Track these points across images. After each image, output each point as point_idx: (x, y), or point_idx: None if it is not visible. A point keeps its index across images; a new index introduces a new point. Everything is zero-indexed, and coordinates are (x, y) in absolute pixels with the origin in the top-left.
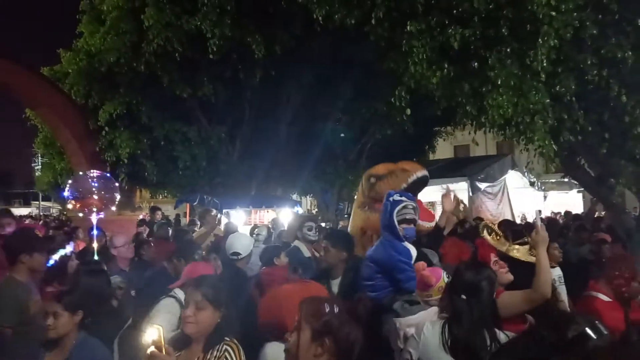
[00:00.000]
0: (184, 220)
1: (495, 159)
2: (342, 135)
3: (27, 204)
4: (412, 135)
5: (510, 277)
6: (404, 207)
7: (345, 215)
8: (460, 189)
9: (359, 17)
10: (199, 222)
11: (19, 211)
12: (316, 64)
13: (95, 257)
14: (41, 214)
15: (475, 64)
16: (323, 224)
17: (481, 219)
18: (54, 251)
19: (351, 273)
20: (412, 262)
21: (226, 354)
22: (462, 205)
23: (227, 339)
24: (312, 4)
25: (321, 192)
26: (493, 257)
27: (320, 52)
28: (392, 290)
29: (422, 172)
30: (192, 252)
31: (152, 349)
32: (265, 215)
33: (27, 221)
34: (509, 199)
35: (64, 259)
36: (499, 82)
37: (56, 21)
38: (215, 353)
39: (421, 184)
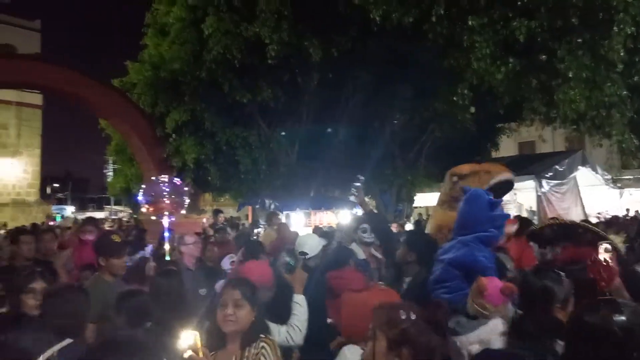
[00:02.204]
0: (246, 222)
1: (565, 155)
2: (401, 135)
3: (100, 208)
4: (473, 133)
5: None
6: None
7: (405, 218)
8: (527, 187)
9: (417, 15)
10: (262, 224)
11: (93, 215)
12: (373, 64)
13: (167, 258)
14: (112, 217)
15: (543, 57)
16: None
17: (556, 219)
18: (134, 253)
19: (422, 275)
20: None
21: (263, 350)
22: None
23: (262, 335)
24: (369, 4)
25: (379, 193)
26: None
27: (377, 53)
28: (467, 293)
29: (507, 176)
30: (258, 252)
31: (189, 353)
32: (325, 217)
33: (107, 227)
34: (580, 198)
35: (143, 260)
36: (570, 75)
37: (123, 35)
38: (252, 350)
39: (505, 188)
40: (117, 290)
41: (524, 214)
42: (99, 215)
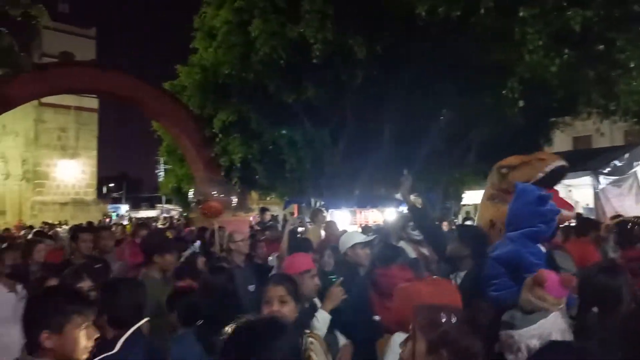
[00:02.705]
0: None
1: (624, 150)
2: (447, 132)
3: (152, 207)
4: (524, 128)
5: None
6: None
7: (453, 217)
8: (583, 184)
9: (465, 8)
10: (307, 222)
11: (145, 213)
12: (418, 60)
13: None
14: (163, 215)
15: (601, 47)
16: None
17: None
18: (185, 249)
19: (476, 270)
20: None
21: (312, 345)
22: None
23: (307, 331)
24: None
25: (425, 190)
26: None
27: (422, 49)
28: (516, 291)
29: (561, 162)
30: (306, 249)
31: None
32: (370, 215)
33: (159, 225)
34: None
35: (193, 255)
36: (632, 65)
37: (174, 40)
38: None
39: (559, 175)
40: (165, 287)
41: (580, 212)
42: (150, 213)
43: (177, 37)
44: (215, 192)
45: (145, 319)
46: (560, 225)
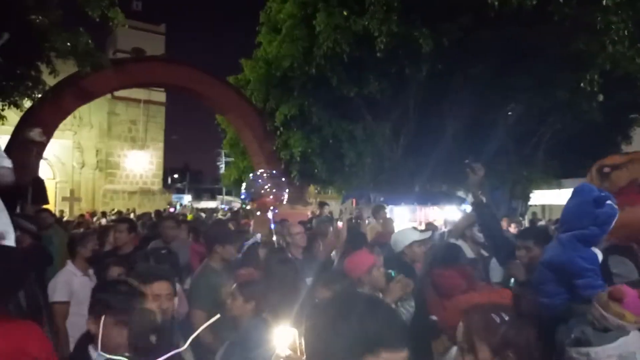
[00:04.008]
0: (350, 209)
1: None
2: (516, 128)
3: (213, 198)
4: (600, 125)
5: None
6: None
7: (520, 217)
8: None
9: None
10: (368, 217)
11: (207, 204)
12: (488, 53)
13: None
14: (224, 207)
15: None
16: None
17: None
18: (246, 239)
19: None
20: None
21: None
22: None
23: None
24: None
25: (490, 189)
26: None
27: (493, 41)
28: (567, 298)
29: None
30: (361, 245)
31: (287, 352)
32: (431, 213)
33: (220, 216)
34: None
35: (255, 246)
36: None
37: (239, 35)
38: None
39: None
40: (226, 277)
41: None
42: (211, 204)
43: (242, 32)
44: (268, 186)
45: (217, 316)
46: None
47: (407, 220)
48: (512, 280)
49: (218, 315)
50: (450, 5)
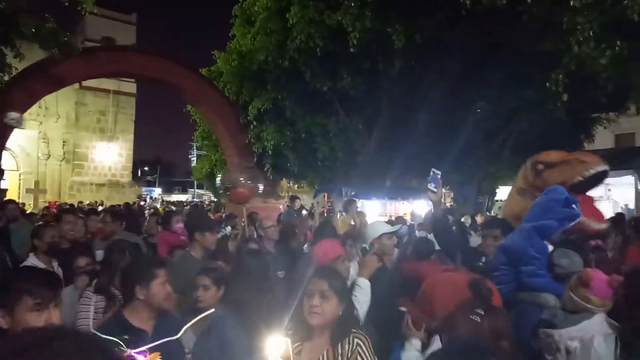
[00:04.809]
0: (322, 203)
1: None
2: (484, 125)
3: (184, 191)
4: (564, 124)
5: None
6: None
7: (486, 212)
8: (624, 183)
9: None
10: (339, 211)
11: (178, 197)
12: (460, 51)
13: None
14: (194, 200)
15: None
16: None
17: None
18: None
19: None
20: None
21: (359, 348)
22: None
23: (355, 330)
24: None
25: (459, 184)
26: None
27: (464, 39)
28: (514, 286)
29: (603, 167)
30: (329, 235)
31: None
32: (401, 207)
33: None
34: None
35: (225, 238)
36: None
37: (213, 26)
38: (347, 347)
39: (598, 180)
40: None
41: (620, 212)
42: (182, 197)
43: (216, 24)
44: (242, 179)
45: (212, 310)
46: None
47: (377, 214)
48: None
49: (213, 310)
50: (424, 2)
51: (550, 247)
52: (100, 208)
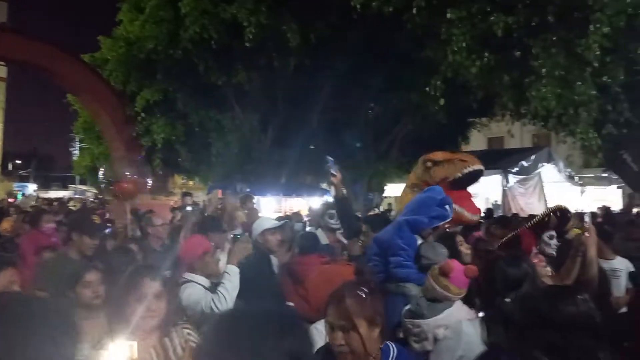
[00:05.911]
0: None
1: (531, 151)
2: (374, 125)
3: (64, 187)
4: (445, 126)
5: (547, 271)
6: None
7: (375, 208)
8: (494, 181)
9: (398, 4)
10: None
11: (56, 194)
12: (350, 53)
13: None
14: (76, 197)
15: (518, 53)
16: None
17: (516, 215)
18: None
19: None
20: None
21: (190, 336)
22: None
23: (180, 322)
24: None
25: (351, 182)
26: (534, 250)
27: (355, 41)
28: (383, 277)
29: (479, 166)
30: (212, 229)
31: None
32: (295, 204)
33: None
34: (543, 194)
35: (104, 238)
36: (543, 73)
37: (97, 9)
38: (175, 340)
39: (475, 177)
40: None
41: (490, 207)
42: (62, 194)
43: (100, 7)
44: (129, 173)
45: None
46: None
47: (272, 210)
48: None
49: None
50: (319, 3)
51: (420, 241)
52: None
